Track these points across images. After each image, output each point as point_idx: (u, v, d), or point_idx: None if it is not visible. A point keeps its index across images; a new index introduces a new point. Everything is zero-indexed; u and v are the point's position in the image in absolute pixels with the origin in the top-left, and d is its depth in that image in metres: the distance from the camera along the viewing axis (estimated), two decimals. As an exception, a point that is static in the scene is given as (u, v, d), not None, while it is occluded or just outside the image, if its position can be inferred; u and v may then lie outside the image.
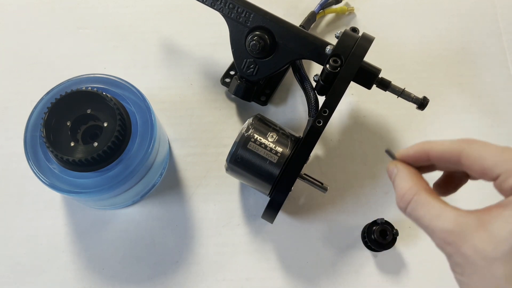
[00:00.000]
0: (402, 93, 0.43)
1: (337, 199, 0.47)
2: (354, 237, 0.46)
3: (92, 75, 0.42)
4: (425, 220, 0.27)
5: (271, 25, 0.43)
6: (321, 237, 0.46)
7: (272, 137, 0.41)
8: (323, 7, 0.53)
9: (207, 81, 0.52)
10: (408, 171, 0.30)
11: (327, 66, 0.40)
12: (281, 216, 0.47)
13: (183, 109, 0.51)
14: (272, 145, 0.40)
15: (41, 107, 0.41)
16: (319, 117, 0.39)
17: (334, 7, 0.54)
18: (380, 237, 0.43)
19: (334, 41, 0.42)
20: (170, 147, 0.49)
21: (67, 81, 0.42)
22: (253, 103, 0.51)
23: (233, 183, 0.48)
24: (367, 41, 0.41)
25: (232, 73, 0.52)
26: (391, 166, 0.30)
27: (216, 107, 0.51)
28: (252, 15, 0.44)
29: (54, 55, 0.53)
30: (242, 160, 0.40)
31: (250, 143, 0.40)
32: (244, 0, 0.44)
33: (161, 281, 0.44)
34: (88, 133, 0.40)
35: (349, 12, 0.55)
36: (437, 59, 0.54)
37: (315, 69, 0.52)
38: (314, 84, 0.45)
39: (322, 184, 0.42)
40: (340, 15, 0.55)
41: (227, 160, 0.41)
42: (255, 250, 0.46)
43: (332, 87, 0.40)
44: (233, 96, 0.50)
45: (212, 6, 0.45)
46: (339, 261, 0.45)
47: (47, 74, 0.52)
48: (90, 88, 0.39)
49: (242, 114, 0.51)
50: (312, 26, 0.53)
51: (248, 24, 0.44)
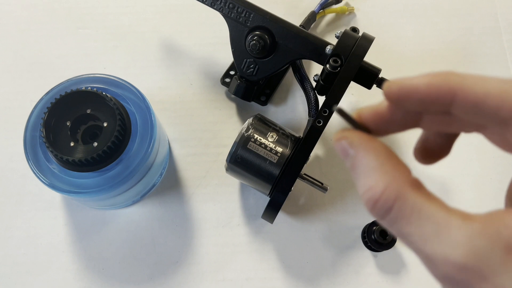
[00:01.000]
0: (402, 93, 0.43)
1: (337, 199, 0.47)
2: (354, 237, 0.46)
3: (92, 75, 0.42)
4: (417, 241, 0.18)
5: (271, 25, 0.43)
6: (321, 237, 0.46)
7: (272, 137, 0.40)
8: (323, 7, 0.53)
9: (207, 81, 0.52)
10: (377, 153, 0.19)
11: (327, 66, 0.40)
12: (281, 216, 0.47)
13: (183, 109, 0.51)
14: (272, 145, 0.40)
15: (40, 107, 0.41)
16: (319, 117, 0.39)
17: (334, 7, 0.54)
18: (380, 237, 0.43)
19: (334, 41, 0.42)
20: (170, 147, 0.49)
21: (67, 81, 0.42)
22: (253, 103, 0.51)
23: (233, 183, 0.48)
24: (367, 41, 0.41)
25: (232, 73, 0.52)
26: (343, 141, 0.20)
27: (216, 107, 0.51)
28: (252, 15, 0.44)
29: (54, 55, 0.53)
30: (242, 160, 0.40)
31: (250, 143, 0.40)
32: (244, 0, 0.44)
33: (161, 281, 0.44)
34: (88, 133, 0.39)
35: (349, 12, 0.55)
36: (437, 59, 0.54)
37: (315, 69, 0.52)
38: (314, 84, 0.45)
39: (322, 184, 0.42)
40: (340, 15, 0.55)
41: (227, 160, 0.41)
42: (255, 250, 0.46)
43: (332, 87, 0.40)
44: (233, 96, 0.50)
45: (212, 6, 0.45)
46: (339, 261, 0.45)
47: (47, 74, 0.52)
48: (90, 88, 0.39)
49: (242, 114, 0.51)
50: (312, 26, 0.53)
51: (248, 24, 0.44)
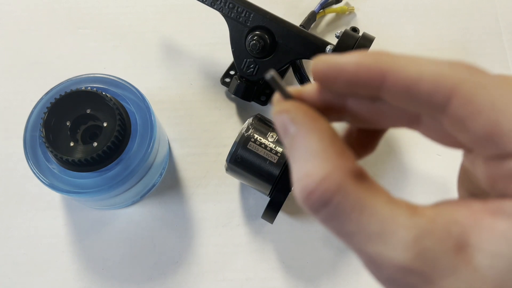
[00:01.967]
0: (402, 93, 0.43)
1: (337, 199, 0.47)
2: (354, 237, 0.46)
3: (91, 75, 0.42)
4: (358, 241, 0.16)
5: (271, 24, 0.43)
6: (322, 237, 0.46)
7: (272, 137, 0.40)
8: (323, 6, 0.53)
9: (207, 81, 0.52)
10: (321, 134, 0.17)
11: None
12: (281, 216, 0.47)
13: (183, 109, 0.51)
14: (272, 145, 0.40)
15: (40, 107, 0.41)
16: (319, 117, 0.39)
17: (334, 6, 0.54)
18: (380, 237, 0.43)
19: (334, 41, 0.42)
20: (169, 147, 0.49)
21: (67, 81, 0.42)
22: (253, 103, 0.51)
23: (233, 183, 0.48)
24: (368, 41, 0.41)
25: (232, 73, 0.52)
26: (284, 114, 0.17)
27: (216, 107, 0.51)
28: (252, 15, 0.44)
29: (54, 55, 0.53)
30: (242, 160, 0.40)
31: (250, 143, 0.40)
32: (244, 0, 0.44)
33: (160, 281, 0.44)
34: (88, 133, 0.39)
35: (350, 11, 0.55)
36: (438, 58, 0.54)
37: (315, 69, 0.52)
38: (314, 84, 0.45)
39: (322, 184, 0.42)
40: (340, 14, 0.55)
41: (227, 160, 0.41)
42: (255, 250, 0.46)
43: (332, 87, 0.39)
44: (233, 96, 0.50)
45: (212, 5, 0.45)
46: (340, 261, 0.45)
47: (46, 74, 0.52)
48: (89, 88, 0.39)
49: (242, 114, 0.51)
50: (312, 25, 0.52)
51: (248, 24, 0.44)
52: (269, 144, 0.40)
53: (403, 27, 0.55)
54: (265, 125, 0.41)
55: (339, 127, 0.19)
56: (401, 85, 0.16)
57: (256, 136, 0.40)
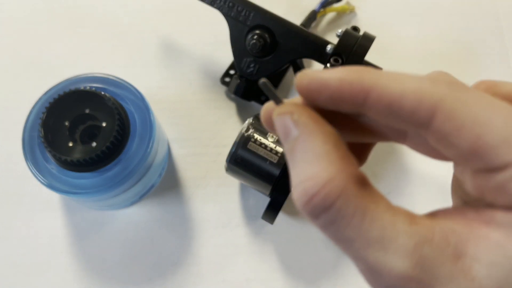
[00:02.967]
0: (403, 93, 0.43)
1: (337, 200, 0.47)
2: (355, 238, 0.46)
3: (90, 75, 0.42)
4: (358, 248, 0.16)
5: (271, 24, 0.43)
6: (322, 237, 0.46)
7: (272, 137, 0.40)
8: (324, 5, 0.53)
9: (206, 80, 0.52)
10: (325, 138, 0.17)
11: (328, 65, 0.40)
12: (281, 216, 0.46)
13: (182, 108, 0.50)
14: (272, 145, 0.40)
15: (39, 107, 0.41)
16: (320, 117, 0.39)
17: (335, 6, 0.54)
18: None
19: (335, 40, 0.42)
20: (169, 147, 0.49)
21: (66, 80, 0.42)
22: (253, 102, 0.50)
23: (233, 183, 0.48)
24: (368, 40, 0.41)
25: (232, 72, 0.51)
26: (287, 116, 0.17)
27: (215, 106, 0.51)
28: (252, 14, 0.43)
29: (53, 54, 0.53)
30: (242, 160, 0.40)
31: (250, 143, 0.40)
32: (244, -1, 0.44)
33: (160, 282, 0.44)
34: (87, 133, 0.39)
35: (350, 11, 0.55)
36: (439, 58, 0.53)
37: (315, 69, 0.52)
38: (314, 83, 0.45)
39: (323, 184, 0.42)
40: (341, 14, 0.55)
41: (226, 160, 0.41)
42: (255, 251, 0.45)
43: (333, 87, 0.39)
44: (233, 95, 0.49)
45: (211, 4, 0.44)
46: (340, 262, 0.45)
47: (45, 73, 0.51)
48: (88, 87, 0.39)
49: (242, 114, 0.50)
50: (312, 25, 0.52)
51: (248, 23, 0.44)
52: (269, 144, 0.40)
53: (404, 26, 0.55)
54: (265, 125, 0.41)
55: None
56: (383, 102, 0.16)
57: (256, 136, 0.40)
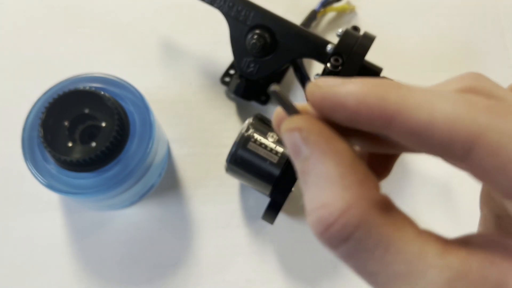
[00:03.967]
0: (404, 93, 0.43)
1: (338, 200, 0.47)
2: (355, 238, 0.46)
3: (90, 75, 0.42)
4: (382, 283, 0.15)
5: (271, 23, 0.43)
6: (322, 238, 0.46)
7: (272, 137, 0.40)
8: (324, 5, 0.53)
9: (206, 80, 0.51)
10: (339, 158, 0.15)
11: (328, 65, 0.40)
12: (281, 217, 0.46)
13: (182, 108, 0.50)
14: (272, 145, 0.40)
15: (38, 107, 0.40)
16: (320, 117, 0.39)
17: (335, 5, 0.54)
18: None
19: (335, 40, 0.42)
20: (169, 147, 0.49)
21: (65, 80, 0.42)
22: (253, 102, 0.50)
23: (233, 183, 0.47)
24: (369, 39, 0.41)
25: (232, 72, 0.51)
26: (296, 132, 0.15)
27: (215, 106, 0.50)
28: (252, 14, 0.43)
29: (52, 54, 0.52)
30: (242, 160, 0.40)
31: (250, 143, 0.40)
32: (244, -1, 0.44)
33: (160, 283, 0.44)
34: (86, 133, 0.39)
35: (350, 10, 0.55)
36: (439, 58, 0.53)
37: (316, 68, 0.52)
38: (314, 83, 0.45)
39: (323, 184, 0.42)
40: (341, 13, 0.55)
41: (226, 161, 0.41)
42: (255, 251, 0.45)
43: (333, 87, 0.39)
44: (232, 95, 0.49)
45: (211, 4, 0.44)
46: (341, 262, 0.45)
47: (44, 73, 0.51)
48: (88, 87, 0.39)
49: (242, 113, 0.50)
50: (313, 24, 0.52)
51: (248, 23, 0.44)
52: (269, 144, 0.40)
53: (404, 26, 0.55)
54: (265, 125, 0.41)
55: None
56: (410, 131, 0.14)
57: (256, 136, 0.40)
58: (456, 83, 0.16)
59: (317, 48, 0.42)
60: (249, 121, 0.41)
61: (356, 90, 0.15)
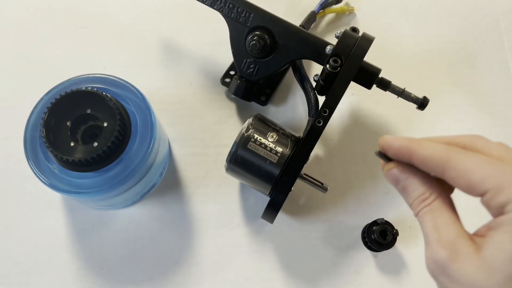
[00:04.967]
0: (402, 93, 0.43)
1: (337, 199, 0.47)
2: (354, 237, 0.46)
3: (91, 75, 0.42)
4: (427, 227, 0.25)
5: (271, 25, 0.43)
6: (321, 237, 0.46)
7: (272, 137, 0.40)
8: (323, 7, 0.53)
9: (207, 81, 0.52)
10: (420, 178, 0.26)
11: (327, 66, 0.40)
12: (281, 216, 0.47)
13: (183, 109, 0.51)
14: (272, 145, 0.40)
15: (40, 107, 0.41)
16: (319, 117, 0.39)
17: (334, 7, 0.54)
18: (380, 237, 0.43)
19: (334, 41, 0.42)
20: (170, 147, 0.49)
21: (67, 81, 0.42)
22: (253, 103, 0.51)
23: (233, 183, 0.48)
24: (367, 41, 0.41)
25: (232, 73, 0.52)
26: (393, 169, 0.27)
27: (216, 107, 0.51)
28: (252, 15, 0.44)
29: (54, 54, 0.53)
30: (242, 160, 0.40)
31: (250, 143, 0.40)
32: (244, 0, 0.44)
33: (160, 282, 0.44)
34: (88, 133, 0.39)
35: (349, 12, 0.55)
36: (438, 59, 0.54)
37: (315, 69, 0.52)
38: (314, 84, 0.45)
39: (322, 184, 0.42)
40: (340, 15, 0.55)
41: (227, 160, 0.41)
42: (255, 250, 0.46)
43: (332, 87, 0.39)
44: (233, 96, 0.50)
45: (212, 5, 0.45)
46: (339, 261, 0.45)
47: (46, 74, 0.52)
48: (90, 88, 0.39)
49: (242, 114, 0.51)
50: (312, 26, 0.52)
51: (248, 24, 0.44)
52: (269, 144, 0.40)
53: (402, 27, 0.55)
54: (265, 125, 0.41)
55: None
56: (460, 184, 0.24)
57: (256, 136, 0.40)
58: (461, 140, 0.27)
59: (316, 49, 0.43)
60: (249, 121, 0.41)
61: (420, 152, 0.26)
